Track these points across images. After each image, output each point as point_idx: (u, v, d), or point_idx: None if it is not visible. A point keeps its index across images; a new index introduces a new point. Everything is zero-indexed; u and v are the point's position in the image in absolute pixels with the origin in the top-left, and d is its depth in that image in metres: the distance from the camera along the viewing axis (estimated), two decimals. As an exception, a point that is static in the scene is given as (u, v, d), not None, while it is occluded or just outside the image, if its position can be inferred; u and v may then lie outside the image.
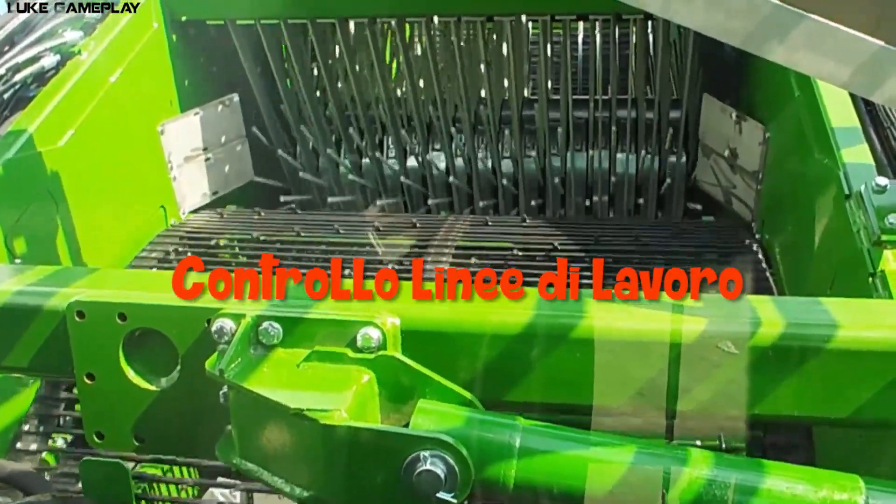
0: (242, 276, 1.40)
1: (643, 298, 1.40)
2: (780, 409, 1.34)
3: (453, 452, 1.19)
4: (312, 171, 3.35)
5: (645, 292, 1.41)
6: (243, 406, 1.31)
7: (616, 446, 1.23)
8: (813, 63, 1.37)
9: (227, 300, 1.39)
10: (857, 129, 2.05)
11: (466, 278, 1.37)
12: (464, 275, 1.33)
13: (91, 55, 2.47)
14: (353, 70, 3.10)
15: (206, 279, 1.39)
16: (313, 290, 1.33)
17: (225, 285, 1.38)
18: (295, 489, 1.29)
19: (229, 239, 2.71)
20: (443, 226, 2.62)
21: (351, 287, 1.34)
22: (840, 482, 1.20)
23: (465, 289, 1.35)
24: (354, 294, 1.33)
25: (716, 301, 1.46)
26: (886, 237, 1.70)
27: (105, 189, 2.54)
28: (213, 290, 1.38)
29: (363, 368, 1.30)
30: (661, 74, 3.07)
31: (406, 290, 1.40)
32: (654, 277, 1.71)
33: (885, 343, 1.27)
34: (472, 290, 1.37)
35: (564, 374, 1.35)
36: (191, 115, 2.93)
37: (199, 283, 1.40)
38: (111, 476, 1.46)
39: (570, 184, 3.23)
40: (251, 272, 1.41)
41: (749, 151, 2.74)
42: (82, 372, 1.45)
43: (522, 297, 1.39)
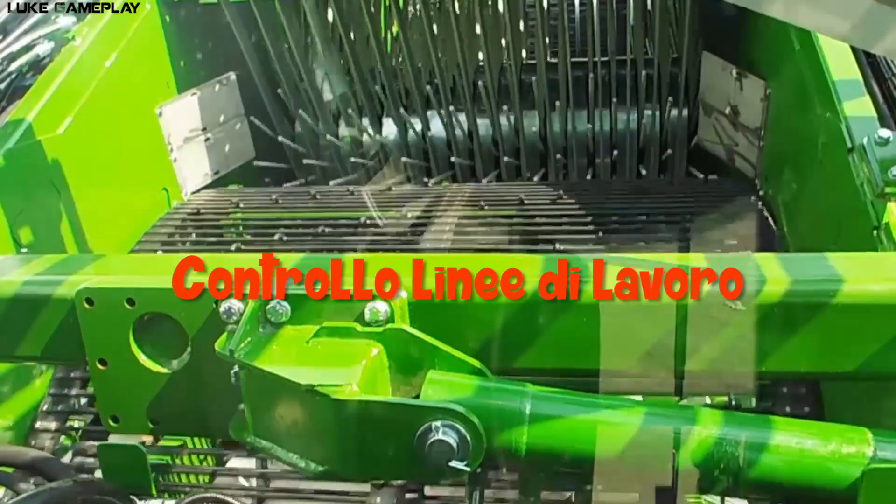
0: (242, 276, 1.40)
1: (647, 260, 1.40)
2: (787, 366, 1.35)
3: (464, 421, 1.20)
4: (313, 148, 3.34)
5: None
6: (255, 385, 1.33)
7: (625, 409, 1.24)
8: (812, 17, 1.36)
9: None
10: (859, 82, 2.03)
11: (467, 277, 1.37)
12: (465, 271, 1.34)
13: (85, 41, 2.46)
14: (349, 42, 3.07)
15: (207, 279, 1.40)
16: (313, 291, 1.34)
17: (225, 285, 1.38)
18: (309, 464, 1.30)
19: (233, 219, 2.72)
20: (443, 199, 2.61)
21: (351, 287, 1.34)
22: (848, 435, 1.21)
23: (465, 288, 1.35)
24: (354, 294, 1.33)
25: (721, 260, 1.46)
26: (890, 189, 1.70)
27: (106, 174, 2.55)
28: (213, 291, 1.38)
29: (372, 342, 1.31)
30: (660, 33, 3.04)
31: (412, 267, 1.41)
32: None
33: (890, 296, 1.27)
34: (472, 291, 1.36)
35: (572, 339, 1.36)
36: (188, 96, 2.92)
37: (199, 283, 1.40)
38: (129, 460, 1.48)
39: (572, 148, 3.21)
40: (251, 272, 1.41)
41: (750, 108, 2.73)
42: (94, 358, 1.47)
43: (527, 264, 1.39)
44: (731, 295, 1.31)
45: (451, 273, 1.39)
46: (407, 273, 1.39)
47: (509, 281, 1.35)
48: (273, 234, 2.59)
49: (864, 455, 1.19)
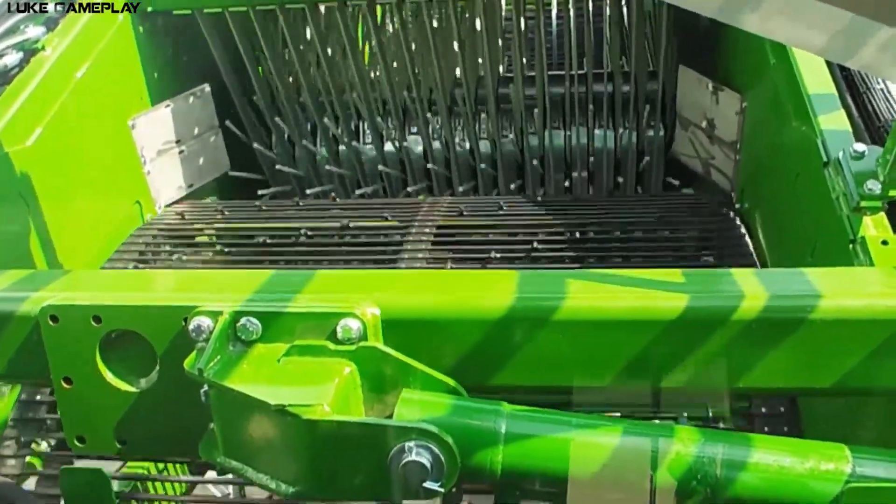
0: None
1: (624, 276, 1.39)
2: (764, 382, 1.34)
3: (438, 441, 1.18)
4: (289, 161, 3.31)
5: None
6: (225, 404, 1.30)
7: (602, 427, 1.23)
8: (788, 31, 1.35)
9: (203, 297, 1.37)
10: (834, 96, 2.04)
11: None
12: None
13: (56, 51, 2.41)
14: (325, 56, 3.05)
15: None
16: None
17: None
18: (280, 485, 1.27)
19: (207, 233, 2.68)
20: (418, 214, 2.59)
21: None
22: (827, 452, 1.21)
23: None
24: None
25: (698, 276, 1.45)
26: (865, 203, 1.70)
27: (78, 187, 2.50)
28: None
29: (344, 360, 1.29)
30: (637, 47, 3.04)
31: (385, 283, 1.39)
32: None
33: (866, 311, 1.27)
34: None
35: (549, 356, 1.34)
36: (162, 108, 2.88)
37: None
38: (91, 483, 1.44)
39: (549, 162, 3.21)
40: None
41: (726, 122, 2.73)
42: (59, 376, 1.43)
43: (503, 281, 1.38)
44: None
45: (425, 289, 1.37)
46: (381, 289, 1.37)
47: (484, 297, 1.34)
48: (248, 249, 2.56)
49: (842, 472, 1.19)
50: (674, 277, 1.39)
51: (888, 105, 2.02)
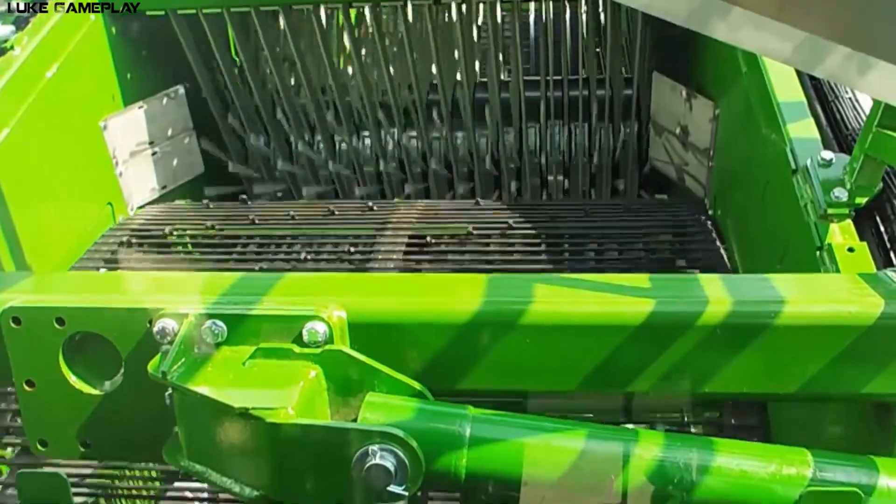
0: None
1: (592, 281, 1.39)
2: (730, 387, 1.35)
3: (403, 445, 1.17)
4: (263, 162, 3.30)
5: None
6: (189, 407, 1.29)
7: (567, 431, 1.23)
8: (755, 39, 1.36)
9: (168, 300, 1.36)
10: (804, 104, 2.06)
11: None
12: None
13: (24, 50, 2.39)
14: (299, 58, 3.04)
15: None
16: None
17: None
18: (244, 489, 1.27)
19: (179, 234, 2.66)
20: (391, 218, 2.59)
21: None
22: (789, 457, 1.21)
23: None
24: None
25: (665, 281, 1.46)
26: (832, 210, 1.71)
27: (47, 188, 2.47)
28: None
29: (310, 363, 1.28)
30: (612, 53, 3.06)
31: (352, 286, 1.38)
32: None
33: (828, 317, 1.28)
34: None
35: (516, 360, 1.34)
36: (135, 109, 2.86)
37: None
38: (50, 488, 1.42)
39: (525, 165, 3.22)
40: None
41: (700, 129, 2.75)
42: (21, 379, 1.41)
43: (470, 285, 1.38)
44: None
45: (391, 293, 1.36)
46: (347, 292, 1.37)
47: (450, 301, 1.33)
48: (218, 251, 2.54)
49: (804, 476, 1.19)
50: (640, 282, 1.40)
51: (856, 114, 2.04)
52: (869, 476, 1.20)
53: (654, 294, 1.36)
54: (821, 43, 1.31)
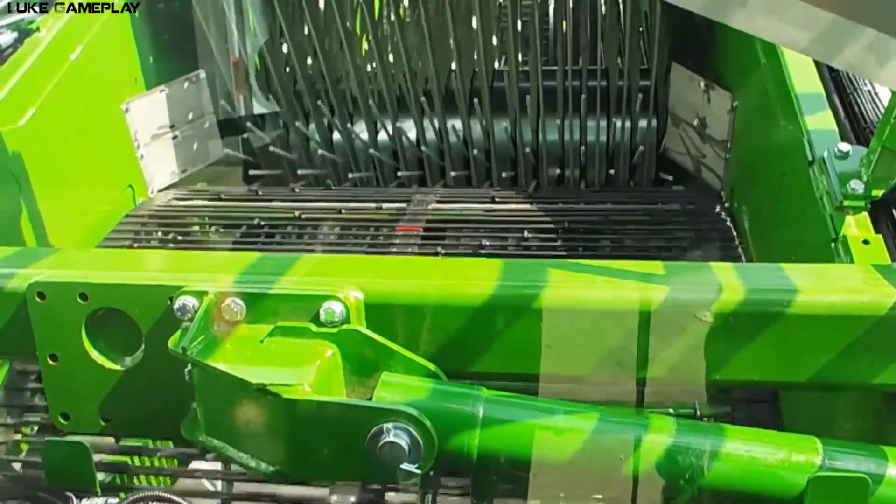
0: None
1: (605, 267, 1.41)
2: (741, 375, 1.36)
3: (416, 424, 1.20)
4: (283, 145, 3.32)
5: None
6: (207, 383, 1.31)
7: (578, 414, 1.25)
8: (773, 29, 1.36)
9: (189, 278, 1.38)
10: (821, 96, 2.05)
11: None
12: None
13: (50, 32, 2.42)
14: (321, 45, 3.06)
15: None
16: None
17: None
18: (261, 464, 1.29)
19: (199, 217, 2.69)
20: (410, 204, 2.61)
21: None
22: (799, 444, 1.22)
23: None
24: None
25: (679, 268, 1.47)
26: (848, 202, 1.72)
27: (70, 169, 2.51)
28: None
29: (327, 342, 1.30)
30: (631, 44, 3.05)
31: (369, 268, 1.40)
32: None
33: (841, 306, 1.29)
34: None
35: (529, 344, 1.36)
36: (156, 93, 2.89)
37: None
38: (73, 457, 1.45)
39: (542, 155, 3.22)
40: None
41: (717, 120, 2.75)
42: (45, 353, 1.44)
43: (485, 269, 1.39)
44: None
45: (408, 275, 1.38)
46: (364, 274, 1.39)
47: (466, 285, 1.35)
48: (238, 233, 2.57)
49: (813, 463, 1.21)
50: (654, 269, 1.41)
51: (874, 106, 2.03)
52: (878, 465, 1.21)
53: (667, 281, 1.37)
54: (840, 32, 1.31)
